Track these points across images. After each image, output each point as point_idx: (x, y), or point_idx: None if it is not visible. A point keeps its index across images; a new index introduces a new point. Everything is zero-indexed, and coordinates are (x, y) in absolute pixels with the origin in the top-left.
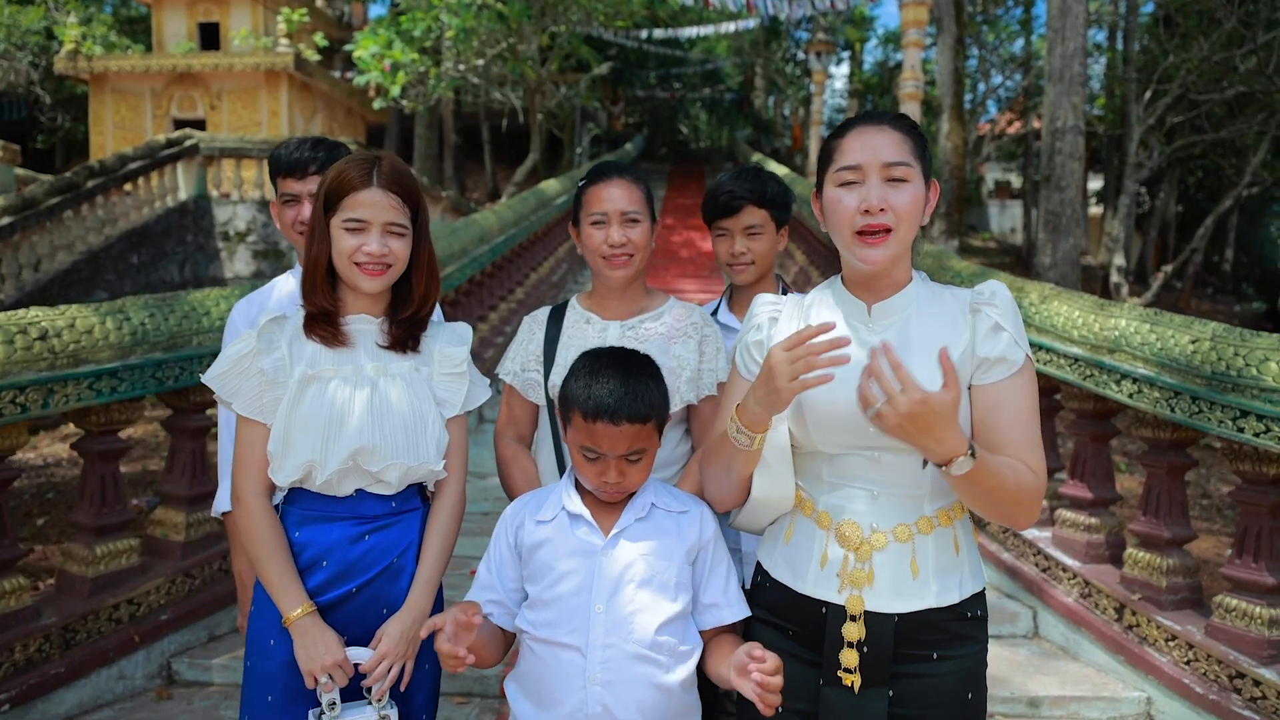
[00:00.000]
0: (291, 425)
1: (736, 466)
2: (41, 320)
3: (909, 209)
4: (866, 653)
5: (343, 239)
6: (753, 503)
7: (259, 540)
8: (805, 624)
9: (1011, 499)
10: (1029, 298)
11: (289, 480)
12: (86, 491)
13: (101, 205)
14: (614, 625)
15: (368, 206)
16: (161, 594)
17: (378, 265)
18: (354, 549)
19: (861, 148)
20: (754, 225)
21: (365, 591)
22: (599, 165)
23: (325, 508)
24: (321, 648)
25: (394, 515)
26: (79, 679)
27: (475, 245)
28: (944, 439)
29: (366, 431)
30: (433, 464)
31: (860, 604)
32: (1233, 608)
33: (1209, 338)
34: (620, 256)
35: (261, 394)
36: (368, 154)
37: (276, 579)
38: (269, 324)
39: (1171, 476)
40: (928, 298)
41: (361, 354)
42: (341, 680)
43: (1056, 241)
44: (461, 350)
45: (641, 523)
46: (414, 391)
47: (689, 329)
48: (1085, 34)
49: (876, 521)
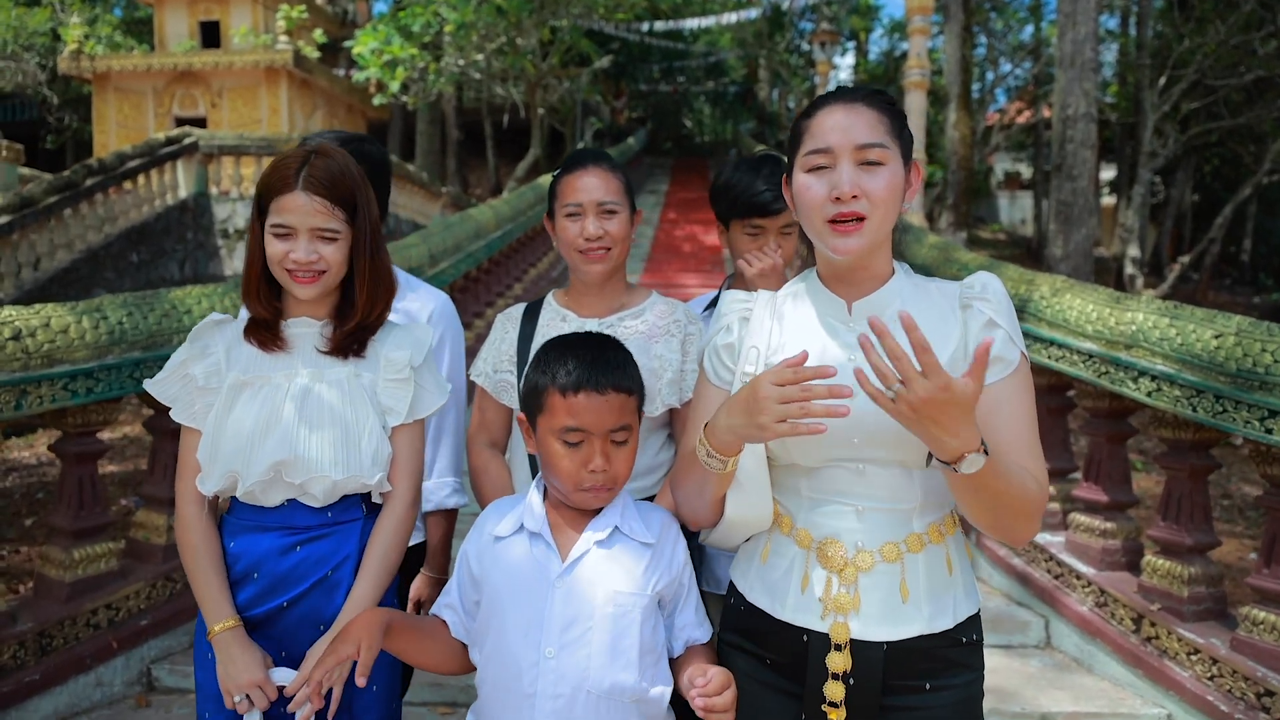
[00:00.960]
0: (220, 433)
1: (709, 488)
2: (15, 320)
3: (885, 194)
4: (853, 685)
5: (272, 244)
6: (726, 523)
7: (190, 549)
8: (785, 653)
9: (1016, 508)
10: (1040, 290)
11: (213, 489)
12: (64, 494)
13: (101, 203)
14: (565, 673)
15: (293, 211)
16: (142, 598)
17: (308, 273)
18: (284, 560)
19: (832, 128)
20: (790, 225)
21: (297, 606)
22: (574, 153)
23: (257, 518)
24: (240, 665)
25: (329, 526)
26: (55, 686)
27: (470, 241)
28: (959, 432)
29: (290, 441)
30: (366, 477)
31: (845, 632)
32: (1260, 620)
33: (1234, 333)
34: (597, 250)
35: (194, 400)
36: (302, 151)
37: (204, 590)
38: (205, 327)
39: (1193, 479)
40: (913, 292)
41: (299, 359)
42: (261, 702)
43: (1069, 232)
44: (405, 354)
45: (603, 547)
46: (351, 399)
47: (672, 327)
48: (1097, 19)
49: (862, 540)
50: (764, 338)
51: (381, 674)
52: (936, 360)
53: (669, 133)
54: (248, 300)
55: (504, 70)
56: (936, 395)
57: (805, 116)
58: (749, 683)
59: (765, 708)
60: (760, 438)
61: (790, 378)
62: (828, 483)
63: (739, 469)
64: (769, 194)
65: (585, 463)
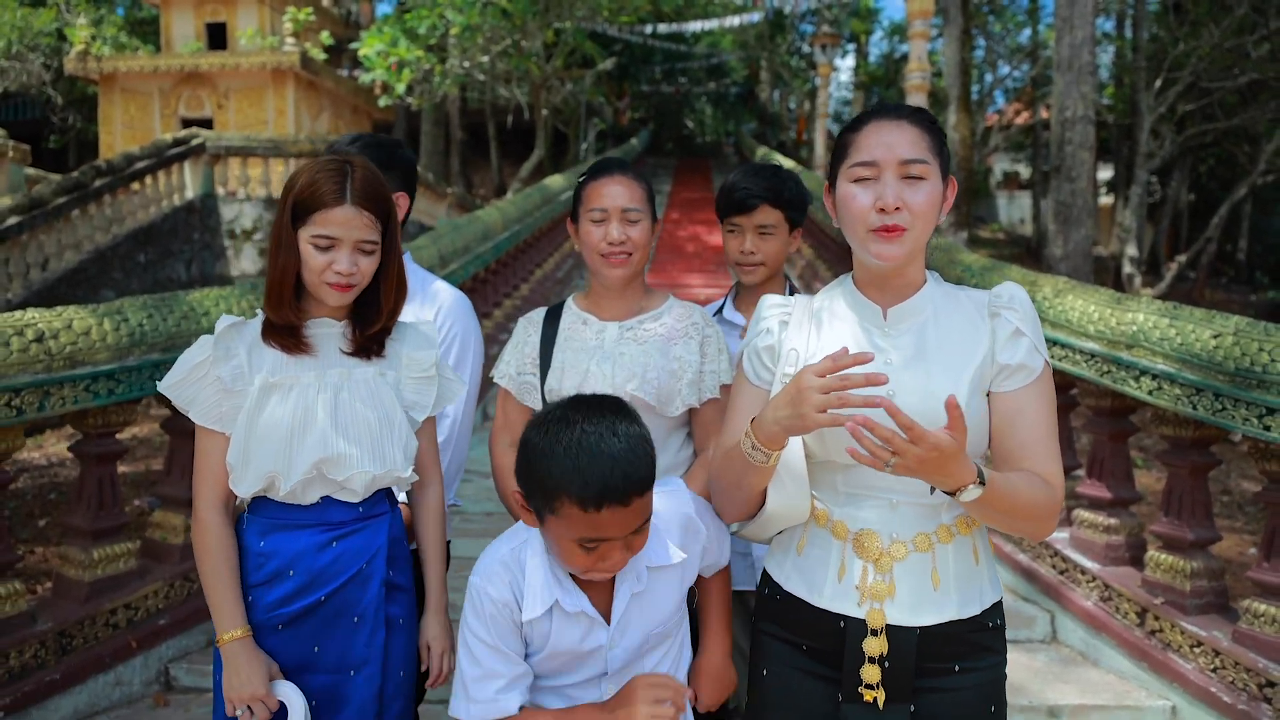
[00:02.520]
0: (252, 435)
1: (750, 481)
2: (38, 321)
3: (925, 207)
4: (888, 668)
5: (311, 255)
6: (765, 516)
7: (208, 555)
8: (821, 639)
9: (1027, 514)
10: (1043, 292)
11: (251, 491)
12: (84, 494)
13: (109, 204)
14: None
15: (340, 224)
16: (160, 598)
17: (346, 283)
18: (321, 556)
19: (878, 143)
20: (767, 225)
21: (334, 600)
22: (600, 161)
23: (290, 516)
24: (245, 676)
25: (361, 521)
26: (75, 685)
27: (478, 242)
28: (953, 473)
29: (329, 441)
30: (400, 470)
31: (881, 617)
32: (1261, 613)
33: (1232, 332)
34: (619, 255)
35: (219, 402)
36: (339, 161)
37: (219, 597)
38: (227, 330)
39: (1194, 476)
40: (944, 300)
41: (323, 360)
42: (263, 714)
43: (1068, 233)
44: (430, 353)
45: (639, 596)
46: (379, 398)
47: (690, 329)
48: (1094, 22)
49: (896, 531)
50: (803, 340)
51: (408, 662)
52: (923, 431)
53: (671, 133)
54: (278, 308)
55: (508, 72)
56: (927, 456)
57: (851, 130)
58: (785, 669)
59: (802, 690)
60: (803, 428)
61: (830, 367)
62: (862, 478)
63: (780, 464)
64: (743, 193)
65: (601, 559)
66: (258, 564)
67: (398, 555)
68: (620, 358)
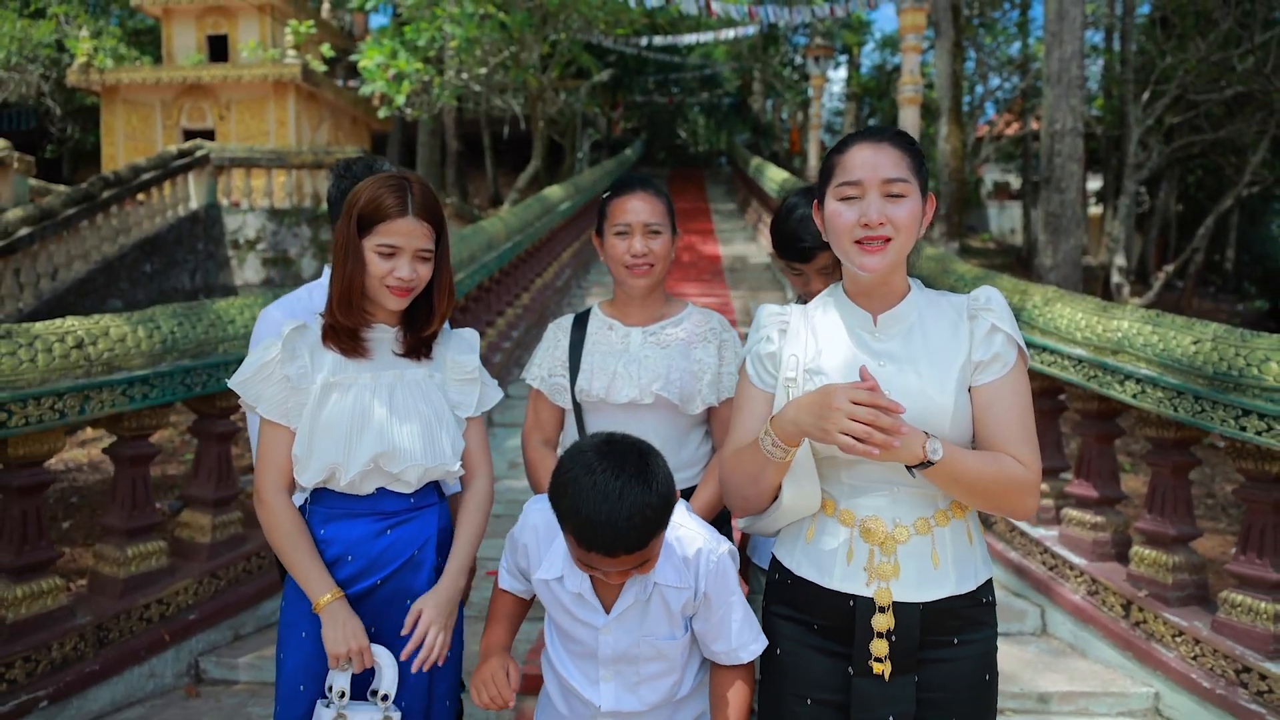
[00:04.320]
0: (315, 430)
1: (767, 476)
2: (78, 329)
3: (907, 221)
4: (895, 642)
5: (375, 262)
6: (779, 508)
7: (284, 534)
8: (831, 617)
9: (995, 489)
10: (1032, 300)
11: (314, 481)
12: (118, 495)
13: (115, 215)
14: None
15: (402, 234)
16: (189, 594)
17: (406, 288)
18: (376, 544)
19: (862, 164)
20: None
21: (389, 584)
22: (624, 179)
23: (348, 505)
24: (347, 631)
25: (413, 511)
26: (112, 676)
27: (484, 252)
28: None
29: (386, 435)
30: (449, 464)
31: (888, 595)
32: (1238, 603)
33: (1210, 338)
34: (642, 266)
35: (286, 399)
36: (398, 177)
37: (304, 569)
38: (292, 333)
39: (1175, 475)
40: (928, 306)
41: (380, 362)
42: (358, 666)
43: (1057, 243)
44: (472, 358)
45: (643, 603)
46: (429, 397)
47: (708, 334)
48: (1082, 37)
49: (898, 517)
50: (801, 346)
51: (453, 644)
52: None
53: (664, 143)
54: (347, 312)
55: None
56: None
57: (837, 152)
58: (798, 646)
59: (814, 664)
60: (821, 439)
61: (866, 400)
62: (866, 471)
63: (795, 460)
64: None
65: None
66: (319, 549)
67: (446, 543)
68: (645, 360)
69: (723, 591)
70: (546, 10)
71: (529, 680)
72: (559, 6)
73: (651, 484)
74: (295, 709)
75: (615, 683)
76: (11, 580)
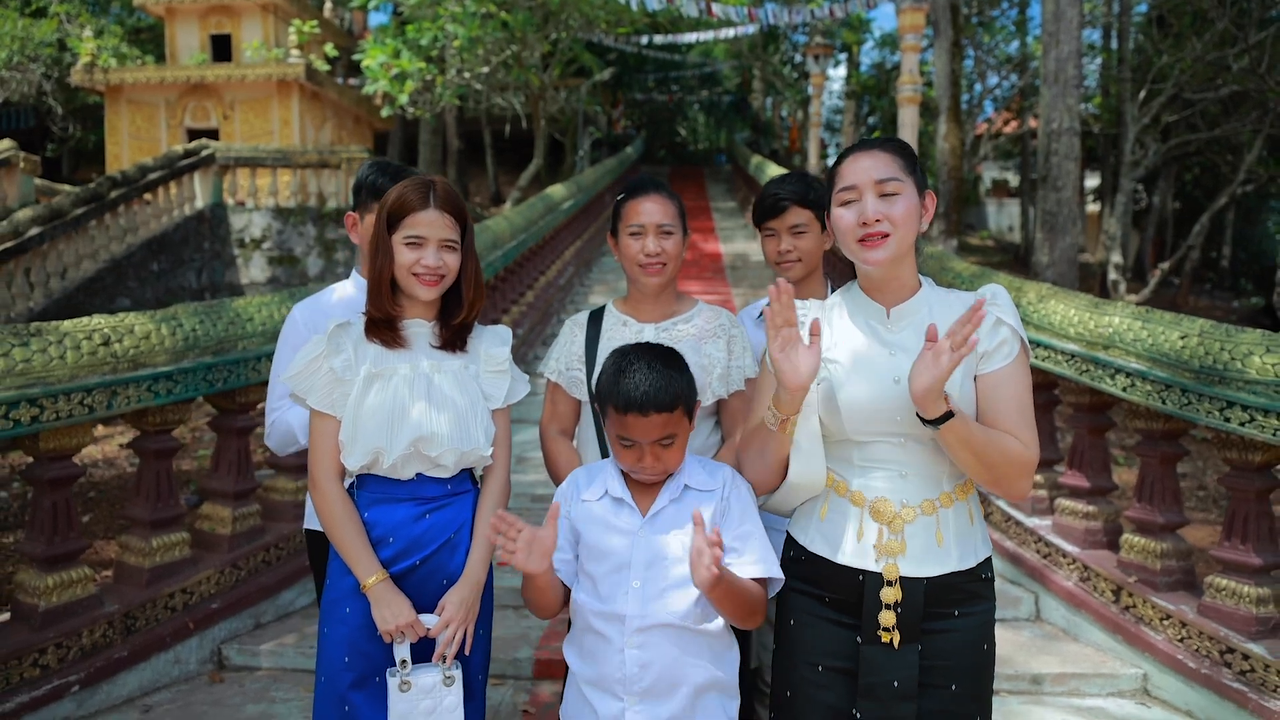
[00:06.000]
0: (360, 417)
1: (770, 449)
2: (104, 326)
3: (902, 216)
4: (901, 613)
5: (403, 253)
6: (788, 486)
7: (335, 518)
8: (842, 590)
9: (999, 460)
10: (1027, 297)
11: (359, 465)
12: (143, 487)
13: (123, 214)
14: (649, 598)
15: (426, 225)
16: (212, 584)
17: (433, 276)
18: (416, 526)
19: (856, 170)
20: (799, 225)
21: (427, 564)
22: (638, 181)
23: (390, 490)
24: (396, 609)
25: (450, 496)
26: (139, 663)
27: (489, 251)
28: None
29: (425, 421)
30: (483, 450)
31: (896, 571)
32: (1223, 587)
33: (1197, 334)
34: (655, 265)
35: (331, 390)
36: (424, 178)
37: (354, 551)
38: (337, 329)
39: (1164, 465)
40: (938, 301)
41: (418, 353)
42: (413, 637)
43: (1054, 241)
44: (504, 350)
45: (675, 504)
46: (464, 386)
47: (718, 330)
48: (1079, 37)
49: (905, 498)
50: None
51: (484, 620)
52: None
53: (663, 141)
54: (377, 301)
55: (506, 82)
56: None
57: (837, 164)
58: (811, 618)
59: (825, 634)
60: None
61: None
62: (876, 453)
63: (800, 438)
64: (772, 198)
65: (637, 459)
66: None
67: None
68: None
69: (745, 506)
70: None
71: (546, 665)
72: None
73: (676, 363)
74: (339, 681)
75: (643, 589)
76: (43, 570)
